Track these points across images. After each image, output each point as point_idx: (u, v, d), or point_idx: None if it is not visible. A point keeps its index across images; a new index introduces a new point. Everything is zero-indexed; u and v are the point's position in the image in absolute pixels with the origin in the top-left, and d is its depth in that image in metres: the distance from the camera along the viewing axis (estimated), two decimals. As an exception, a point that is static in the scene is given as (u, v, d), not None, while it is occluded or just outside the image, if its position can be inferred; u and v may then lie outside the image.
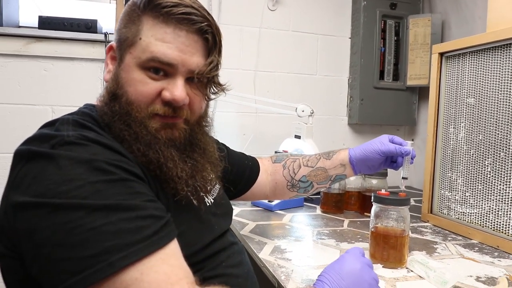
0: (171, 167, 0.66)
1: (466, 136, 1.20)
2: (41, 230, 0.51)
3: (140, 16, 0.67)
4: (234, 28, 1.78)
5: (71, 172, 0.53)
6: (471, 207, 1.17)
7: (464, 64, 1.21)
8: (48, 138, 0.57)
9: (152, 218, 0.55)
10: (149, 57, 0.65)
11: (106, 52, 0.73)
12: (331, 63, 1.92)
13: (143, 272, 0.50)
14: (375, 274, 0.69)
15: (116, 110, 0.66)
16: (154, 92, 0.66)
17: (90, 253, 0.49)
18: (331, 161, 1.00)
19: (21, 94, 1.55)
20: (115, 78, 0.68)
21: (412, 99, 1.94)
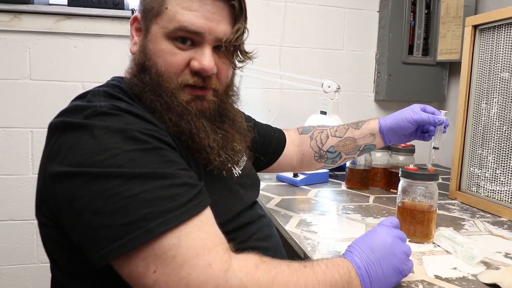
0: (203, 137, 0.67)
1: (498, 112, 1.17)
2: (80, 198, 0.53)
3: None
4: (259, 2, 1.75)
5: (106, 141, 0.55)
6: (502, 184, 1.15)
7: (499, 37, 1.17)
8: (81, 109, 0.59)
9: (186, 186, 0.56)
10: (176, 26, 0.65)
11: (130, 24, 0.72)
12: (358, 37, 1.88)
13: (180, 238, 0.52)
14: (407, 247, 0.68)
15: (147, 81, 0.67)
16: (183, 63, 0.67)
17: (128, 220, 0.51)
18: (360, 131, 0.99)
19: (53, 71, 1.60)
20: (142, 49, 0.69)
21: (442, 75, 1.89)
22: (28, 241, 1.62)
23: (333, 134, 1.01)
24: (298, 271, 0.58)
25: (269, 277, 0.55)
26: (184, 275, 0.51)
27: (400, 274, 0.66)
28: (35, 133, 1.60)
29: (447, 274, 0.75)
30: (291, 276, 0.57)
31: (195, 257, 0.52)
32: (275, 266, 0.57)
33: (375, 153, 1.43)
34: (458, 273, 0.75)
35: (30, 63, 1.57)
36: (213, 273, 0.51)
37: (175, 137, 0.66)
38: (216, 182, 0.71)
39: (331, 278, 0.60)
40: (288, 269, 0.58)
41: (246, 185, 0.80)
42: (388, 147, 1.43)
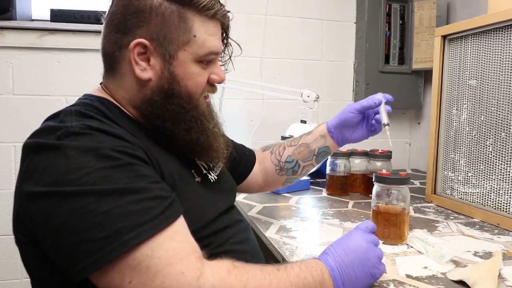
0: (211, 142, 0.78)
1: (468, 117, 1.22)
2: (55, 217, 0.55)
3: (185, 13, 0.70)
4: (240, 15, 1.80)
5: (79, 161, 0.57)
6: (473, 187, 1.20)
7: (467, 46, 1.23)
8: (53, 130, 0.61)
9: (158, 198, 0.59)
10: (207, 52, 0.73)
11: (130, 49, 0.69)
12: (336, 48, 1.94)
13: (153, 249, 0.55)
14: (380, 252, 0.72)
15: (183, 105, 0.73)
16: (206, 80, 0.76)
17: (103, 235, 0.53)
18: (312, 135, 1.01)
19: (36, 86, 1.61)
20: (168, 75, 0.71)
21: (418, 83, 1.95)
22: (12, 256, 1.62)
23: (289, 144, 1.04)
24: (271, 274, 0.61)
25: (241, 282, 0.58)
26: (158, 284, 0.53)
27: (372, 277, 0.69)
28: (18, 147, 1.61)
29: (418, 273, 0.78)
30: (264, 280, 0.59)
31: (168, 266, 0.54)
32: (247, 271, 0.60)
33: (354, 159, 1.48)
34: (428, 271, 0.79)
35: (13, 78, 1.59)
36: (186, 280, 0.54)
37: (148, 151, 0.67)
38: (190, 189, 0.74)
39: (304, 280, 0.62)
40: (261, 273, 0.60)
41: (221, 190, 0.84)
42: (366, 153, 1.48)
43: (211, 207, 0.77)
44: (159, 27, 0.69)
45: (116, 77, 0.74)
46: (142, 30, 0.69)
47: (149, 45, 0.70)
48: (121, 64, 0.72)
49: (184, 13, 0.70)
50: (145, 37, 0.69)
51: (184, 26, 0.71)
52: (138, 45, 0.69)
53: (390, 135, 0.93)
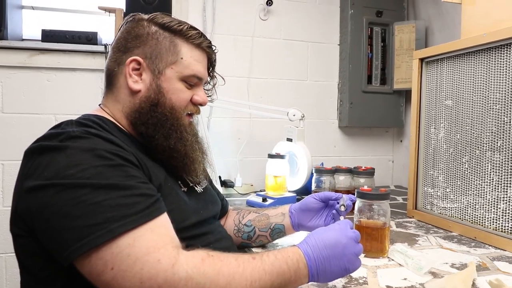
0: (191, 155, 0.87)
1: (445, 135, 1.28)
2: (51, 206, 0.61)
3: (174, 39, 0.85)
4: (228, 37, 1.86)
5: (77, 158, 0.64)
6: (451, 202, 1.26)
7: (442, 68, 1.30)
8: (56, 135, 0.68)
9: (144, 196, 0.66)
10: (191, 74, 0.86)
11: (127, 64, 0.82)
12: (321, 69, 2.01)
13: (135, 239, 0.60)
14: (358, 248, 0.75)
15: (165, 114, 0.82)
16: (189, 98, 0.87)
17: (93, 222, 0.59)
18: (275, 210, 1.04)
19: (26, 104, 1.64)
20: (154, 87, 0.83)
21: (400, 102, 2.03)
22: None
23: (255, 211, 1.07)
24: (246, 263, 0.65)
25: (215, 269, 0.62)
26: (137, 271, 0.58)
27: (345, 271, 0.73)
28: (6, 165, 1.62)
29: (398, 284, 0.82)
30: (238, 268, 0.64)
31: (147, 254, 0.59)
32: (222, 259, 0.64)
33: (338, 176, 1.52)
34: (407, 283, 0.83)
35: (3, 97, 1.61)
36: (162, 267, 0.59)
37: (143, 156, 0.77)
38: (174, 194, 0.81)
39: (279, 269, 0.67)
40: (236, 261, 0.65)
41: (206, 201, 0.92)
42: (350, 170, 1.53)
43: (193, 213, 0.83)
44: (152, 48, 0.83)
45: (113, 91, 0.85)
46: (138, 50, 0.84)
47: (142, 62, 0.83)
48: (118, 78, 0.84)
49: (174, 39, 0.85)
50: (140, 56, 0.83)
51: (174, 49, 0.84)
52: (134, 61, 0.83)
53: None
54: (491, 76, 1.11)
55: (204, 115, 1.81)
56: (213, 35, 1.83)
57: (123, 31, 0.86)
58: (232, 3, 1.87)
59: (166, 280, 0.59)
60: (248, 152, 1.90)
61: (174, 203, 0.78)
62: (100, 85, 1.70)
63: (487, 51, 1.13)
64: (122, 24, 0.88)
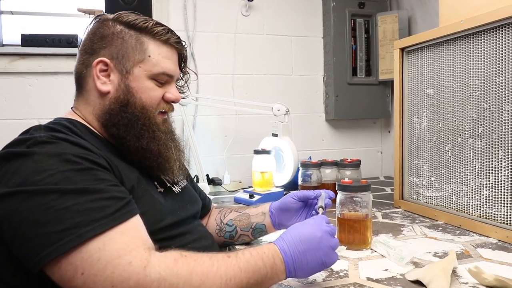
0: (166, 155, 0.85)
1: (428, 124, 1.28)
2: (19, 213, 0.60)
3: (141, 37, 0.83)
4: (210, 35, 1.85)
5: (44, 164, 0.63)
6: (436, 190, 1.26)
7: (423, 57, 1.30)
8: (23, 140, 0.67)
9: (114, 199, 0.64)
10: (160, 71, 0.84)
11: (93, 66, 0.80)
12: (305, 62, 2.01)
13: (105, 243, 0.59)
14: (334, 242, 0.75)
15: (136, 114, 0.81)
16: (160, 96, 0.85)
17: (61, 228, 0.58)
18: (256, 209, 1.03)
19: (8, 109, 1.62)
20: (123, 88, 0.81)
21: (386, 93, 2.03)
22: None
23: (236, 210, 1.06)
24: (220, 261, 0.65)
25: (188, 269, 0.61)
26: (108, 274, 0.58)
27: (322, 265, 0.73)
28: (-9, 172, 1.60)
29: (378, 275, 0.82)
30: (212, 266, 0.63)
31: (117, 257, 0.58)
32: (195, 259, 0.63)
33: (324, 169, 1.52)
34: (388, 274, 0.83)
35: (-16, 104, 1.59)
36: (134, 270, 0.58)
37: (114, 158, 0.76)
38: (149, 196, 0.80)
39: (254, 266, 0.67)
40: (210, 260, 0.64)
41: (184, 201, 0.91)
42: (336, 163, 1.53)
43: (169, 214, 0.82)
44: (118, 47, 0.82)
45: (83, 94, 0.84)
46: (105, 51, 0.82)
47: (109, 63, 0.81)
48: (87, 81, 0.83)
49: (140, 37, 0.83)
50: (106, 56, 0.81)
51: (140, 47, 0.82)
52: (100, 63, 0.81)
53: None
54: (470, 63, 1.11)
55: (190, 113, 1.80)
56: (195, 33, 1.81)
57: (89, 32, 0.85)
58: (213, 0, 1.85)
59: (138, 283, 0.58)
60: (235, 149, 1.90)
61: (148, 205, 0.77)
62: (83, 88, 1.69)
63: (465, 38, 1.13)
64: (88, 26, 0.86)
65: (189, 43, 1.80)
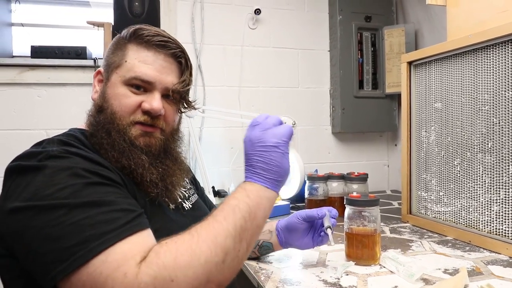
0: (140, 172, 0.75)
1: (436, 138, 1.27)
2: (30, 229, 0.59)
3: (126, 44, 0.81)
4: (217, 47, 1.86)
5: (54, 178, 0.62)
6: (445, 205, 1.24)
7: (431, 71, 1.29)
8: (35, 154, 0.66)
9: (124, 211, 0.63)
10: (133, 75, 0.78)
11: (94, 76, 0.85)
12: (312, 75, 2.01)
13: (108, 255, 0.58)
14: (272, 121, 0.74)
15: (101, 121, 0.77)
16: (135, 104, 0.78)
17: (72, 243, 0.57)
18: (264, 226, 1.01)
19: (17, 120, 1.63)
20: (102, 94, 0.80)
21: (392, 106, 2.02)
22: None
23: None
24: (198, 229, 0.63)
25: (172, 255, 0.59)
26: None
27: (278, 143, 0.71)
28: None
29: (388, 292, 0.80)
30: (192, 238, 0.61)
31: (116, 269, 0.57)
32: (175, 241, 0.61)
33: (331, 183, 1.51)
34: (398, 290, 0.81)
35: (-7, 114, 1.61)
36: (129, 281, 0.56)
37: (122, 173, 0.73)
38: (161, 213, 0.78)
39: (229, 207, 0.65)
40: (189, 234, 0.62)
41: (195, 217, 0.86)
42: (343, 176, 1.52)
43: (181, 231, 0.79)
44: (108, 57, 0.83)
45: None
46: (103, 62, 0.84)
47: (102, 72, 0.83)
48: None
49: (125, 44, 0.81)
50: (102, 67, 0.84)
51: (121, 53, 0.80)
52: (99, 74, 0.84)
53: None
54: (479, 77, 1.11)
55: (196, 125, 1.80)
56: (202, 45, 1.83)
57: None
58: (221, 13, 1.87)
59: None
60: (241, 161, 1.87)
61: (159, 222, 0.75)
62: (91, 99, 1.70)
63: (473, 52, 1.12)
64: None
65: (196, 56, 1.82)
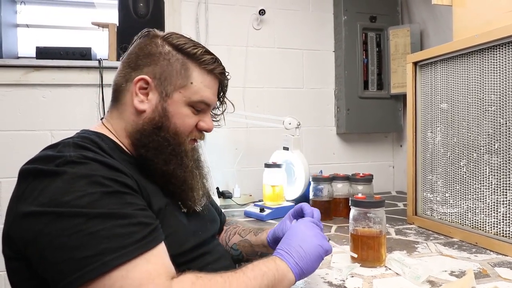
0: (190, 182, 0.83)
1: (442, 139, 1.26)
2: (45, 235, 0.59)
3: (187, 63, 0.82)
4: (221, 48, 1.86)
5: (73, 185, 0.62)
6: (451, 207, 1.23)
7: (436, 71, 1.28)
8: (53, 158, 0.66)
9: (141, 225, 0.63)
10: (199, 99, 0.83)
11: (134, 83, 0.80)
12: (316, 76, 2.00)
13: (128, 270, 0.58)
14: (320, 227, 0.82)
15: (167, 139, 0.80)
16: (194, 124, 0.85)
17: (87, 254, 0.57)
18: (256, 238, 0.98)
19: (22, 121, 1.64)
20: (160, 111, 0.80)
21: (397, 107, 2.01)
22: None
23: (239, 232, 1.04)
24: (230, 277, 0.67)
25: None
26: None
27: (321, 248, 0.76)
28: (3, 182, 1.61)
29: (394, 294, 0.80)
30: (224, 283, 0.65)
31: (139, 286, 0.57)
32: (210, 279, 0.65)
33: (336, 184, 1.50)
34: (404, 293, 0.81)
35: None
36: None
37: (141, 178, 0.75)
38: (174, 217, 0.79)
39: (259, 271, 0.70)
40: (221, 278, 0.66)
41: (205, 220, 0.90)
42: (348, 177, 1.51)
43: (191, 237, 0.81)
44: (163, 69, 0.81)
45: (118, 108, 0.83)
46: (148, 69, 0.81)
47: (150, 82, 0.80)
48: (125, 95, 0.82)
49: (187, 63, 0.82)
50: (149, 75, 0.80)
51: (185, 73, 0.81)
52: (141, 80, 0.80)
53: None
54: (485, 77, 1.10)
55: (200, 126, 1.80)
56: (206, 46, 1.81)
57: (136, 46, 0.84)
58: (225, 14, 1.87)
59: None
60: (245, 162, 1.89)
61: (173, 227, 0.76)
62: (95, 100, 1.70)
63: (480, 53, 1.11)
64: (136, 39, 0.86)
65: (200, 56, 1.81)
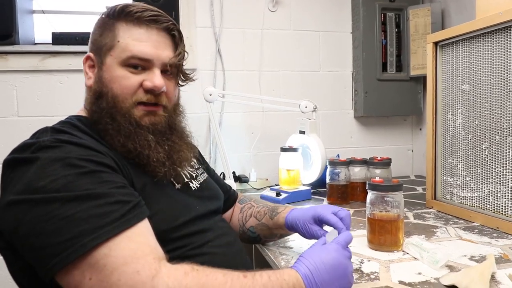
0: (147, 153, 0.76)
1: (463, 122, 1.23)
2: (25, 223, 0.60)
3: (114, 23, 0.79)
4: (236, 31, 1.84)
5: (47, 169, 0.62)
6: (472, 191, 1.20)
7: (458, 51, 1.24)
8: (28, 146, 0.66)
9: (119, 203, 0.62)
10: (129, 55, 0.77)
11: (83, 62, 0.82)
12: (334, 58, 1.96)
13: (111, 248, 0.58)
14: (352, 266, 0.71)
15: (104, 107, 0.76)
16: (136, 84, 0.78)
17: (64, 238, 0.57)
18: (273, 222, 0.94)
19: (40, 107, 1.66)
20: (98, 79, 0.78)
21: (417, 89, 1.96)
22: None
23: (255, 214, 0.99)
24: (235, 280, 0.61)
25: (198, 284, 0.58)
26: (114, 281, 0.56)
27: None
28: (24, 168, 1.64)
29: (411, 279, 0.78)
30: (224, 284, 0.60)
31: (124, 265, 0.57)
32: (207, 274, 0.60)
33: (353, 168, 1.48)
34: (421, 277, 0.79)
35: (18, 101, 1.64)
36: (141, 279, 0.56)
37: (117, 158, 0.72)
38: (164, 193, 0.78)
39: (268, 278, 0.62)
40: (223, 277, 0.61)
41: (203, 197, 0.87)
42: (365, 161, 1.49)
43: (186, 211, 0.79)
44: (97, 39, 0.80)
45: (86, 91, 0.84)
46: (91, 46, 0.82)
47: (92, 57, 0.81)
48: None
49: (113, 23, 0.79)
50: (91, 51, 0.81)
51: (111, 34, 0.78)
52: (88, 59, 0.81)
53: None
54: (510, 57, 1.05)
55: (216, 110, 1.79)
56: (222, 29, 1.80)
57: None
58: (240, -4, 1.84)
59: None
60: (262, 146, 1.88)
61: (163, 202, 0.75)
62: (111, 85, 1.71)
63: (504, 31, 1.07)
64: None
65: (215, 40, 1.80)
